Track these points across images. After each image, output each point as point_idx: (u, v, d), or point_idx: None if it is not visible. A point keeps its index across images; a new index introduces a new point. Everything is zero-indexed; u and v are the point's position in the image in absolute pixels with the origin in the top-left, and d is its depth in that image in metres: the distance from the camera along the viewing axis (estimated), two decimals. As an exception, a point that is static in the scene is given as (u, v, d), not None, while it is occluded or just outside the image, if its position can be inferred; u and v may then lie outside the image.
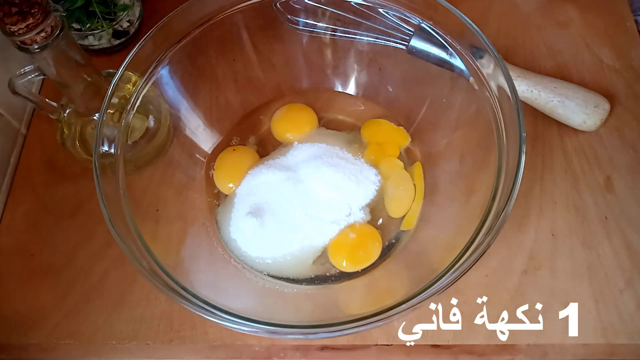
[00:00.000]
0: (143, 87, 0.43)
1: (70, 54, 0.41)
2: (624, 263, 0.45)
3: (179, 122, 0.49)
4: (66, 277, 0.47)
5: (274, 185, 0.47)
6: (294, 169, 0.48)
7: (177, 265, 0.39)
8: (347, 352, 0.44)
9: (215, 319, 0.33)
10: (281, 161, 0.49)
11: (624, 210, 0.48)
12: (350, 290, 0.45)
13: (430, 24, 0.43)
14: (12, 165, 0.53)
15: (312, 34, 0.50)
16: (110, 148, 0.40)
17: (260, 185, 0.48)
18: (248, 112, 0.54)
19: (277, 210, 0.46)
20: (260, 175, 0.48)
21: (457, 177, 0.47)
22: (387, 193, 0.48)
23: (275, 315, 0.36)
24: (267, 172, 0.48)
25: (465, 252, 0.35)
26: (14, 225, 0.50)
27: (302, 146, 0.50)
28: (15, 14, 0.35)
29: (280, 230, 0.46)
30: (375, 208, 0.48)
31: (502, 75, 0.38)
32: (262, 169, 0.48)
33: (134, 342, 0.44)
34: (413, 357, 0.43)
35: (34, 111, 0.56)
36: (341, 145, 0.50)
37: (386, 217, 0.47)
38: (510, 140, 0.37)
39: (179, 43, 0.45)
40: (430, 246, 0.45)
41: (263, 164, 0.49)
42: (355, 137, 0.52)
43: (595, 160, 0.50)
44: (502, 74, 0.38)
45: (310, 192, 0.47)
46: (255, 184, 0.48)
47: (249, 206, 0.47)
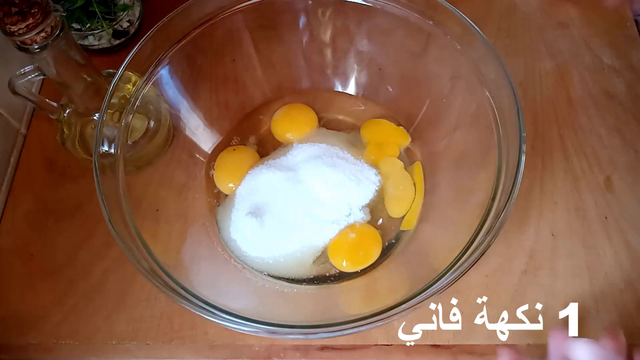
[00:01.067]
0: (143, 87, 0.43)
1: (70, 54, 0.41)
2: (624, 263, 0.45)
3: (179, 122, 0.49)
4: (66, 277, 0.47)
5: (274, 185, 0.47)
6: (294, 169, 0.48)
7: (177, 265, 0.39)
8: (347, 352, 0.44)
9: (215, 319, 0.33)
10: (281, 161, 0.49)
11: (624, 210, 0.48)
12: (350, 290, 0.45)
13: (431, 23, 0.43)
14: (12, 165, 0.53)
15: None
16: (110, 148, 0.40)
17: (261, 185, 0.48)
18: (248, 112, 0.54)
19: (277, 210, 0.46)
20: (260, 175, 0.48)
21: (457, 177, 0.47)
22: (387, 193, 0.48)
23: (275, 315, 0.35)
24: (267, 172, 0.48)
25: (465, 252, 0.35)
26: (14, 225, 0.50)
27: (302, 146, 0.50)
28: (15, 14, 0.35)
29: (280, 230, 0.46)
30: (375, 208, 0.48)
31: (502, 75, 0.38)
32: (262, 169, 0.48)
33: (134, 342, 0.44)
34: (413, 357, 0.43)
35: (34, 111, 0.56)
36: (341, 146, 0.50)
37: (386, 217, 0.47)
38: (510, 140, 0.37)
39: (179, 43, 0.45)
40: (430, 246, 0.45)
41: (263, 164, 0.49)
42: (355, 137, 0.52)
43: (595, 160, 0.50)
44: (502, 73, 0.38)
45: (310, 192, 0.47)
46: (256, 184, 0.48)
47: (249, 206, 0.47)
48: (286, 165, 0.49)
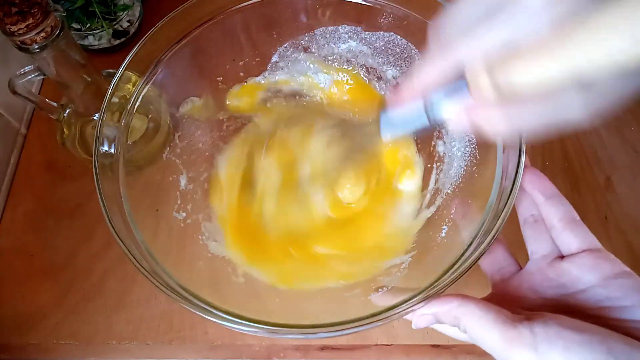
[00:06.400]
0: (143, 87, 0.43)
1: (70, 54, 0.41)
2: (624, 263, 0.45)
3: (179, 122, 0.49)
4: (66, 277, 0.47)
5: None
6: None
7: (177, 265, 0.39)
8: (347, 352, 0.44)
9: (215, 319, 0.33)
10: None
11: (624, 210, 0.48)
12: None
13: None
14: (12, 165, 0.53)
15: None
16: (110, 148, 0.40)
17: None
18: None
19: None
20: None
21: (457, 177, 0.47)
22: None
23: (275, 315, 0.35)
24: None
25: (465, 252, 0.35)
26: (14, 225, 0.50)
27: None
28: (15, 14, 0.35)
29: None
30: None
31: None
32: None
33: (134, 342, 0.44)
34: (413, 357, 0.43)
35: (34, 111, 0.56)
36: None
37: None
38: (511, 140, 0.37)
39: (179, 43, 0.45)
40: (430, 246, 0.45)
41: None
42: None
43: (595, 160, 0.50)
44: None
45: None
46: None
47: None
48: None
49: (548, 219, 0.32)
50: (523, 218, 0.34)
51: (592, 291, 0.28)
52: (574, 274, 0.29)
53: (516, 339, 0.25)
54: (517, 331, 0.25)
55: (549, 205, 0.32)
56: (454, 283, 0.33)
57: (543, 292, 0.30)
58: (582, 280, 0.29)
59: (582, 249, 0.30)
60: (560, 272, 0.30)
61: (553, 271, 0.30)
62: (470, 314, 0.27)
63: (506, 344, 0.25)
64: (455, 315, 0.28)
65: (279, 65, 0.51)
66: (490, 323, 0.26)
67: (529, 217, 0.34)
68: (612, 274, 0.29)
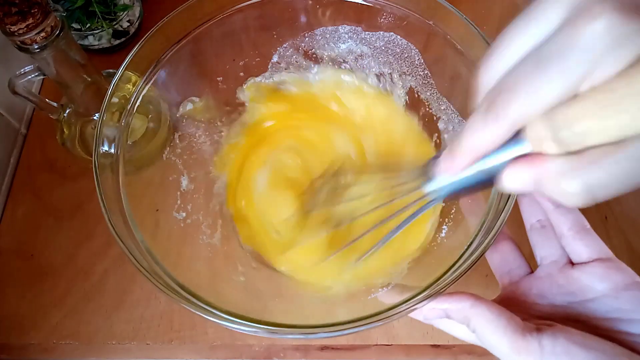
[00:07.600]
0: (143, 87, 0.43)
1: (70, 54, 0.41)
2: (624, 263, 0.45)
3: (179, 122, 0.49)
4: (66, 277, 0.47)
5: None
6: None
7: (177, 265, 0.39)
8: (347, 352, 0.44)
9: (215, 319, 0.33)
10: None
11: (624, 210, 0.48)
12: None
13: (431, 23, 0.43)
14: (12, 165, 0.53)
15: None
16: (110, 148, 0.40)
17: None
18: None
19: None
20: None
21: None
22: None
23: (275, 315, 0.35)
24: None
25: (465, 252, 0.35)
26: (14, 225, 0.50)
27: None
28: (15, 14, 0.35)
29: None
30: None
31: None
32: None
33: (134, 342, 0.44)
34: (413, 357, 0.43)
35: (34, 111, 0.56)
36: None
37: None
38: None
39: (179, 43, 0.45)
40: (430, 246, 0.45)
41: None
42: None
43: (596, 160, 0.50)
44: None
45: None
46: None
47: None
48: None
49: (558, 227, 0.31)
50: (529, 224, 0.34)
51: (601, 301, 0.28)
52: (584, 283, 0.29)
53: (524, 349, 0.25)
54: (526, 341, 0.25)
55: (558, 213, 0.31)
56: (454, 283, 0.33)
57: (552, 299, 0.30)
58: (592, 290, 0.29)
59: (592, 258, 0.30)
60: (570, 279, 0.30)
61: (563, 278, 0.30)
62: (482, 316, 0.27)
63: (514, 353, 0.25)
64: (466, 315, 0.28)
65: (279, 65, 0.51)
66: (500, 329, 0.26)
67: (535, 222, 0.33)
68: (622, 285, 0.28)
